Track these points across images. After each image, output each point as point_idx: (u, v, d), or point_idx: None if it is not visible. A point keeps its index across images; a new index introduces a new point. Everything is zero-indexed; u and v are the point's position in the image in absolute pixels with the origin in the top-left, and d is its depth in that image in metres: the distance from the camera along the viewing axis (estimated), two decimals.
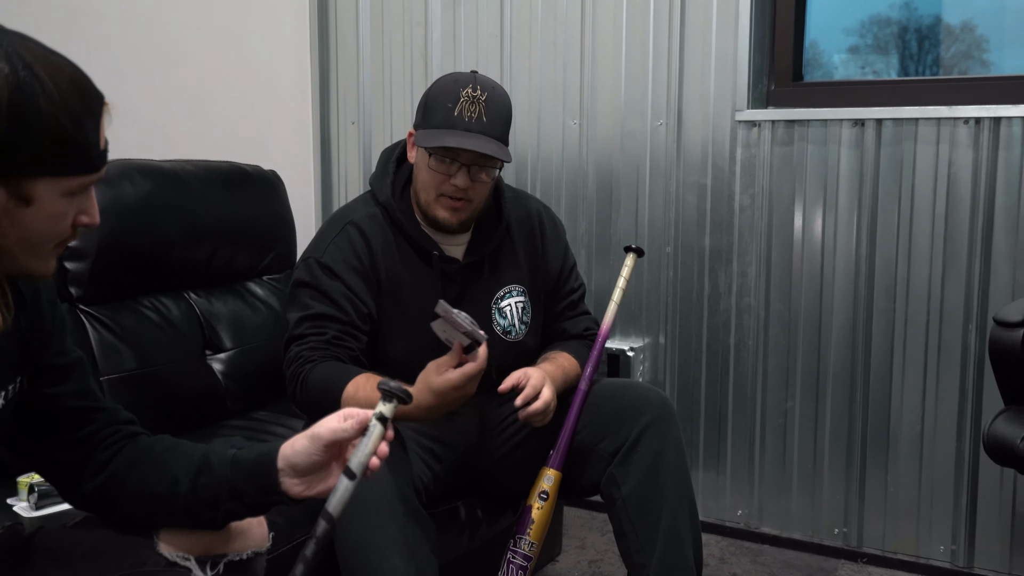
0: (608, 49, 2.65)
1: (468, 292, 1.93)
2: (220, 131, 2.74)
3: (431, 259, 1.89)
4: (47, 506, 1.73)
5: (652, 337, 2.68)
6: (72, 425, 1.22)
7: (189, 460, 1.21)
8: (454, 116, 1.79)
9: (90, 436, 1.22)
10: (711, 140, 2.55)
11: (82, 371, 1.25)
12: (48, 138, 0.98)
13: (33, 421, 1.20)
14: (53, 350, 1.21)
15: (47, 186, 1.00)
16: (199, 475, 1.20)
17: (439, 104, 1.82)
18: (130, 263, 2.12)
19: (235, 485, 1.18)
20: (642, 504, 1.81)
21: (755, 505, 2.61)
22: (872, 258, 2.40)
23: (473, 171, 1.83)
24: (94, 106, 1.03)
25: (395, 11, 2.93)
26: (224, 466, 1.20)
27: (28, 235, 1.03)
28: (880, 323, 2.41)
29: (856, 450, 2.47)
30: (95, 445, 1.23)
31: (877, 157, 2.37)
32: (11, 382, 1.14)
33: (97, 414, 1.24)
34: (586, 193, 2.72)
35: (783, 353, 2.53)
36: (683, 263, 2.61)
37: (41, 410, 1.20)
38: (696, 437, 2.65)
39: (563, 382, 1.90)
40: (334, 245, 1.87)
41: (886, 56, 2.70)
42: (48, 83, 0.98)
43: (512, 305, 1.98)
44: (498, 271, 1.97)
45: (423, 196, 1.87)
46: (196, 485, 1.19)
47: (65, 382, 1.22)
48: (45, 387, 1.20)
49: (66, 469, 1.23)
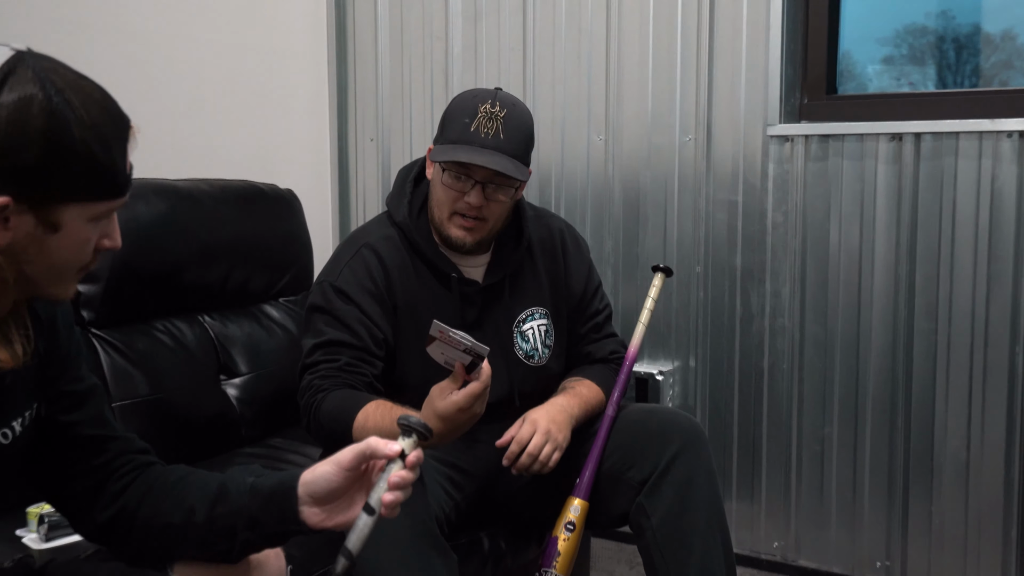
0: (634, 61, 2.62)
1: (488, 315, 1.91)
2: (235, 149, 2.73)
3: (450, 281, 1.87)
4: (58, 537, 1.71)
5: (682, 360, 2.63)
6: (86, 454, 1.21)
7: (205, 489, 1.19)
8: (470, 131, 1.77)
9: (104, 465, 1.21)
10: (742, 155, 2.51)
11: (98, 398, 1.24)
12: (80, 165, 0.99)
13: (46, 449, 1.19)
14: (69, 375, 1.20)
15: (75, 212, 1.01)
16: (216, 504, 1.18)
17: (456, 119, 1.80)
18: (143, 285, 2.11)
19: (253, 514, 1.16)
20: (673, 535, 1.78)
21: (791, 537, 2.55)
22: (912, 277, 2.35)
23: (488, 189, 1.80)
24: (122, 131, 1.05)
25: (415, 25, 2.92)
26: (242, 494, 1.17)
27: (54, 262, 1.03)
28: (921, 345, 2.36)
29: (898, 479, 2.41)
30: (108, 475, 1.21)
31: (916, 172, 2.33)
32: (28, 408, 1.14)
33: (112, 443, 1.23)
34: (612, 211, 2.69)
35: (819, 377, 2.48)
36: (714, 283, 2.57)
37: (55, 437, 1.19)
38: (729, 464, 2.60)
39: (583, 412, 1.88)
40: (348, 268, 1.85)
41: (922, 67, 2.66)
42: (80, 108, 0.99)
43: (534, 328, 1.95)
44: (519, 293, 1.95)
45: (437, 213, 1.85)
46: (213, 515, 1.17)
47: (80, 409, 1.21)
48: (60, 414, 1.19)
49: (78, 499, 1.21)
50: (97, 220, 1.05)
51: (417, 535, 1.58)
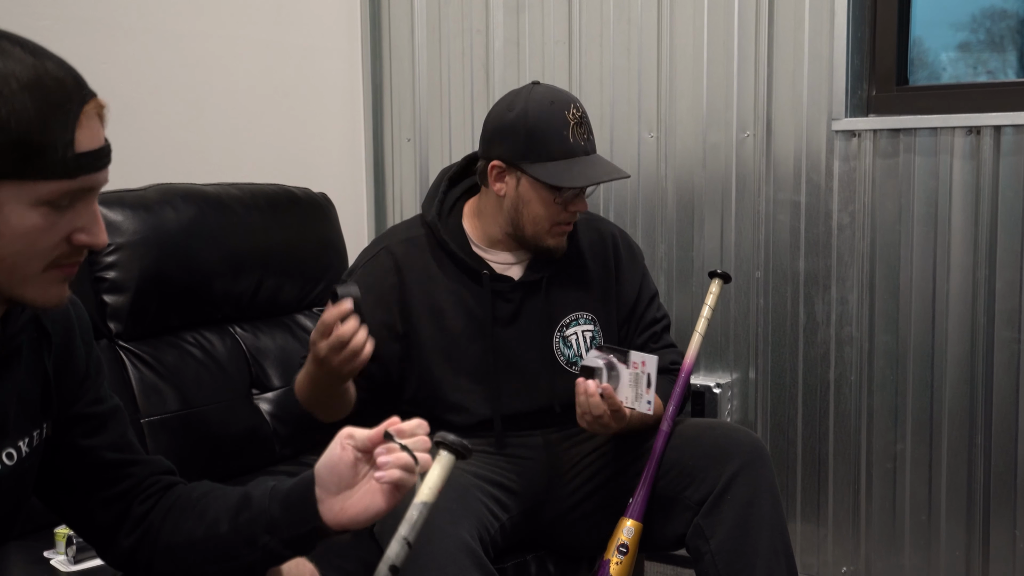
0: (688, 54, 2.64)
1: (525, 313, 1.95)
2: (266, 151, 2.78)
3: (481, 279, 1.92)
4: (86, 559, 1.75)
5: (741, 372, 2.64)
6: (108, 480, 1.23)
7: (228, 500, 1.22)
8: (571, 143, 1.87)
9: (127, 492, 1.24)
10: (805, 153, 2.52)
11: (119, 421, 1.26)
12: (3, 138, 0.97)
13: (67, 475, 1.22)
14: (88, 397, 1.22)
15: (11, 193, 0.99)
16: (239, 513, 1.20)
17: (551, 133, 1.86)
18: (171, 296, 2.16)
19: (273, 517, 1.18)
20: (733, 559, 1.79)
21: (861, 561, 2.54)
22: (992, 282, 2.34)
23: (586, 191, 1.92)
24: (65, 103, 1.01)
25: (453, 19, 2.96)
26: (263, 498, 1.20)
27: (3, 255, 1.01)
28: (1003, 355, 2.34)
29: (977, 499, 2.40)
30: (132, 499, 1.24)
31: (995, 168, 2.32)
32: (36, 428, 1.15)
33: (135, 467, 1.25)
34: (665, 213, 2.70)
35: (890, 389, 2.47)
36: (775, 289, 2.58)
37: (74, 463, 1.22)
38: (792, 484, 2.60)
39: (640, 421, 1.89)
40: (364, 270, 1.95)
41: (1002, 53, 2.64)
42: None
43: (579, 334, 1.98)
44: (563, 297, 1.99)
45: (533, 230, 1.92)
46: (236, 524, 1.19)
47: (101, 433, 1.23)
48: (79, 438, 1.21)
49: (102, 526, 1.24)
50: (51, 206, 1.01)
51: (461, 557, 1.60)
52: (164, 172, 2.34)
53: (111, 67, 2.39)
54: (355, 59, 3.09)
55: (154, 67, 2.51)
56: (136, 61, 2.46)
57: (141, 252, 2.09)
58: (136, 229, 2.10)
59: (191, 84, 2.61)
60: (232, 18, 2.72)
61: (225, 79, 2.70)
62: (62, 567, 1.74)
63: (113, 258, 2.07)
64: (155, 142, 2.51)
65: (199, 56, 2.63)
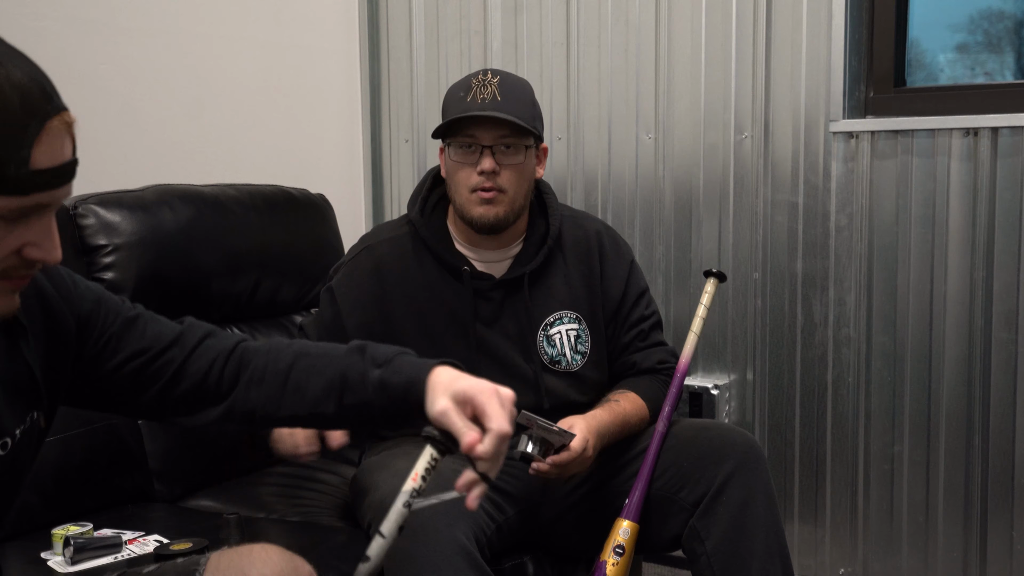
0: (685, 54, 2.64)
1: (507, 313, 1.96)
2: (264, 152, 2.79)
3: (462, 277, 1.92)
4: (84, 560, 1.75)
5: (738, 373, 2.65)
6: (149, 380, 1.28)
7: (329, 380, 1.28)
8: (467, 102, 1.87)
9: (176, 375, 1.29)
10: (802, 154, 2.53)
11: (134, 327, 1.29)
12: None
13: (113, 394, 1.28)
14: (94, 335, 1.25)
15: None
16: (343, 395, 1.27)
17: (452, 97, 1.91)
18: (169, 296, 2.16)
19: (385, 410, 1.26)
20: (729, 561, 1.79)
21: (859, 563, 2.55)
22: (989, 283, 2.35)
23: (499, 154, 1.88)
24: (23, 118, 0.98)
25: (451, 20, 2.97)
26: (366, 388, 1.26)
27: None
28: (1000, 356, 2.35)
29: (975, 500, 2.41)
30: (196, 379, 1.29)
31: (993, 170, 2.32)
32: (21, 424, 1.16)
33: (170, 352, 1.29)
34: (663, 214, 2.71)
35: (888, 391, 2.48)
36: (772, 290, 2.59)
37: (114, 383, 1.27)
38: (790, 485, 2.60)
39: (620, 430, 1.91)
40: (344, 271, 2.00)
41: (999, 55, 2.65)
42: None
43: (562, 333, 1.99)
44: (546, 295, 1.99)
45: (458, 200, 1.92)
46: (343, 406, 1.27)
47: (121, 350, 1.27)
48: (105, 363, 1.26)
49: (181, 411, 1.31)
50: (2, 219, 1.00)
51: (457, 559, 1.61)
52: (162, 173, 2.35)
53: (111, 67, 2.40)
54: (353, 60, 3.10)
55: (153, 67, 2.52)
56: (135, 61, 2.47)
57: (139, 253, 2.10)
58: (134, 230, 2.11)
59: (190, 85, 2.62)
60: (231, 19, 2.73)
61: (223, 80, 2.71)
62: (59, 568, 1.75)
63: (111, 259, 2.08)
64: (153, 142, 2.52)
65: (198, 57, 2.64)
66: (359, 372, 1.26)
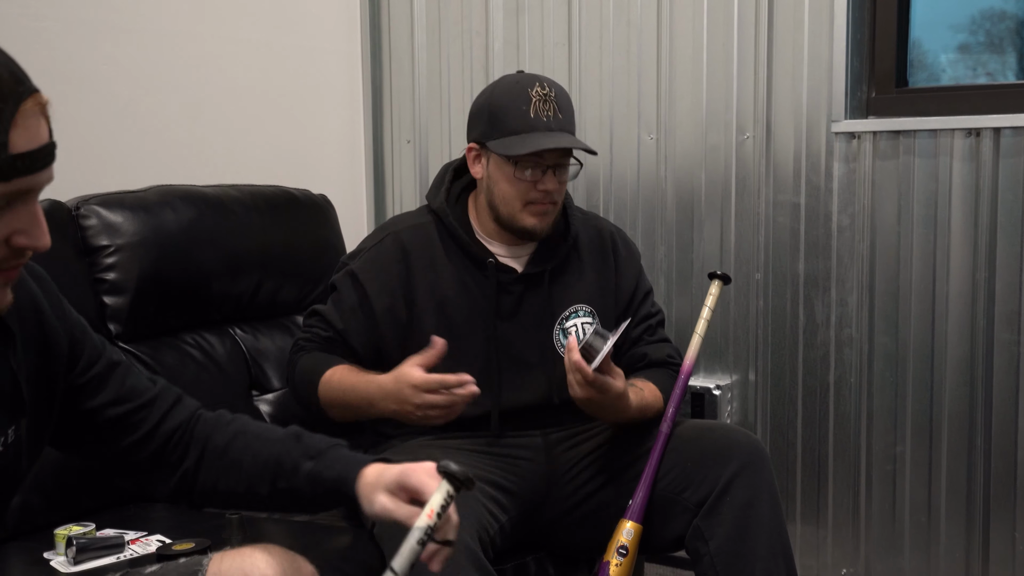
0: (687, 55, 2.65)
1: (526, 306, 1.97)
2: (265, 152, 2.79)
3: (485, 268, 1.93)
4: (86, 560, 1.75)
5: (741, 374, 2.65)
6: (121, 432, 1.29)
7: (261, 463, 1.33)
8: (531, 118, 1.87)
9: (147, 436, 1.30)
10: (804, 154, 2.53)
11: (118, 373, 1.30)
12: None
13: (85, 436, 1.28)
14: (80, 365, 1.25)
15: None
16: (276, 481, 1.31)
17: (511, 109, 1.89)
18: (171, 297, 2.17)
19: (315, 499, 1.32)
20: (732, 561, 1.80)
21: (861, 563, 2.55)
22: (991, 284, 2.35)
23: (559, 172, 1.91)
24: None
25: (453, 20, 2.97)
26: (298, 477, 1.31)
27: None
28: (1002, 357, 2.35)
29: (977, 501, 2.41)
30: (161, 444, 1.32)
31: (995, 170, 2.33)
32: (10, 426, 1.16)
33: (144, 412, 1.31)
34: (664, 215, 2.71)
35: (890, 391, 2.48)
36: (775, 291, 2.59)
37: (86, 424, 1.27)
38: (792, 485, 2.60)
39: (639, 410, 1.90)
40: (368, 255, 1.99)
41: (1001, 55, 2.65)
42: None
43: (578, 326, 2.01)
44: (563, 290, 2.01)
45: (505, 209, 1.93)
46: (275, 490, 1.31)
47: (102, 391, 1.28)
48: (85, 402, 1.26)
49: (140, 473, 1.34)
50: None
51: (460, 558, 1.60)
52: (164, 173, 2.36)
53: (111, 67, 2.40)
54: (355, 61, 3.10)
55: (154, 68, 2.52)
56: (136, 62, 2.47)
57: (140, 253, 2.11)
58: (136, 230, 2.11)
59: (191, 85, 2.62)
60: (232, 19, 2.74)
61: (225, 80, 2.71)
62: (62, 568, 1.75)
63: (113, 259, 2.09)
64: (155, 143, 2.52)
65: (199, 57, 2.64)
66: (292, 461, 1.30)
